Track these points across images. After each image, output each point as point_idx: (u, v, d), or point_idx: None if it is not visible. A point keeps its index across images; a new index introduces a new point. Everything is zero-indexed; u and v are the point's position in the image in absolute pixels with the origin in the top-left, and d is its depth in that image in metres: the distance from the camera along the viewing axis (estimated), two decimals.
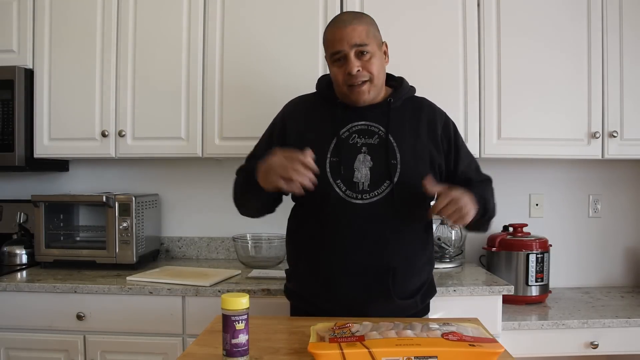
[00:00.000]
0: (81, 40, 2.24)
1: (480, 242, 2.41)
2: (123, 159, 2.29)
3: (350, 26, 1.42)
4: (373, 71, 1.43)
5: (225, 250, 2.54)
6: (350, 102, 1.47)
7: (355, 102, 1.46)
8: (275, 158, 1.31)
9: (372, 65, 1.43)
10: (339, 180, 1.42)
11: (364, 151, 1.44)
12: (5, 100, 2.18)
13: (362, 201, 1.41)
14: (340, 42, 1.41)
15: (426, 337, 1.08)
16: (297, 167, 1.26)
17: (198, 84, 2.21)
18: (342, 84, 1.44)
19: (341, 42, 1.41)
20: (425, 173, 1.44)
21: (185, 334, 1.91)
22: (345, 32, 1.41)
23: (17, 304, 1.94)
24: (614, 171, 2.52)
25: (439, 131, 1.51)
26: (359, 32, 1.41)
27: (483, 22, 2.18)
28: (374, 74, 1.43)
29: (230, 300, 1.08)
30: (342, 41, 1.41)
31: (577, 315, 2.00)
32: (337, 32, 1.43)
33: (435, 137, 1.49)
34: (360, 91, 1.43)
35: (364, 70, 1.42)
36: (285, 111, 1.58)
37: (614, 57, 2.19)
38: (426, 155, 1.47)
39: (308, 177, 1.27)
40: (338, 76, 1.45)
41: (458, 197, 1.29)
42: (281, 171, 1.27)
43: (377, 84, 1.45)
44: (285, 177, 1.27)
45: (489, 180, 1.59)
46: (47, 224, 2.25)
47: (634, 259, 2.53)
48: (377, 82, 1.46)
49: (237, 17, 2.21)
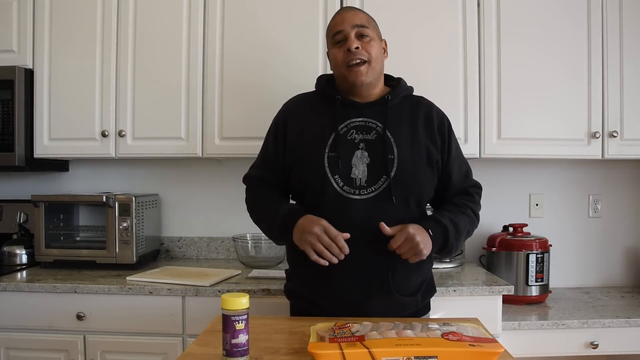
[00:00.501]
0: (81, 40, 2.24)
1: (480, 242, 2.41)
2: (123, 159, 2.29)
3: (352, 11, 1.53)
4: (372, 52, 1.47)
5: (225, 250, 2.54)
6: (348, 86, 1.49)
7: (353, 82, 1.47)
8: (317, 228, 1.35)
9: (372, 47, 1.47)
10: (337, 176, 1.43)
11: (361, 147, 1.45)
12: (5, 100, 2.18)
13: (360, 196, 1.42)
14: (342, 23, 1.49)
15: (426, 337, 1.08)
16: (331, 246, 1.34)
17: (198, 84, 2.22)
18: (341, 63, 1.47)
19: (342, 23, 1.49)
20: (422, 168, 1.46)
21: (185, 334, 1.91)
22: (348, 14, 1.50)
23: (17, 304, 1.94)
24: (613, 171, 2.52)
25: (435, 127, 1.52)
26: (360, 16, 1.50)
27: (483, 21, 2.19)
28: (372, 56, 1.47)
29: (230, 300, 1.08)
30: (343, 22, 1.49)
31: (577, 315, 2.01)
32: (338, 16, 1.52)
33: (432, 133, 1.50)
34: (359, 71, 1.45)
35: (363, 50, 1.46)
36: (286, 108, 1.59)
37: (614, 57, 2.19)
38: (423, 150, 1.48)
39: (337, 257, 1.35)
40: (337, 56, 1.48)
41: (412, 235, 1.33)
42: (314, 242, 1.35)
43: (374, 67, 1.48)
44: (316, 249, 1.35)
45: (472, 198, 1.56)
46: (47, 224, 2.25)
47: (634, 259, 2.53)
48: (375, 66, 1.48)
49: (237, 17, 2.21)
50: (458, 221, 1.46)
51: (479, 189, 1.60)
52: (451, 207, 1.51)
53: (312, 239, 1.35)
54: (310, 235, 1.35)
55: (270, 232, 1.53)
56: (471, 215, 1.52)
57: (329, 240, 1.34)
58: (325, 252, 1.35)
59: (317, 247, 1.35)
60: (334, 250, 1.35)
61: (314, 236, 1.35)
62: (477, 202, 1.57)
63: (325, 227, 1.36)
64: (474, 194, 1.57)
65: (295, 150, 1.49)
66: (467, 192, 1.56)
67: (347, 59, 1.45)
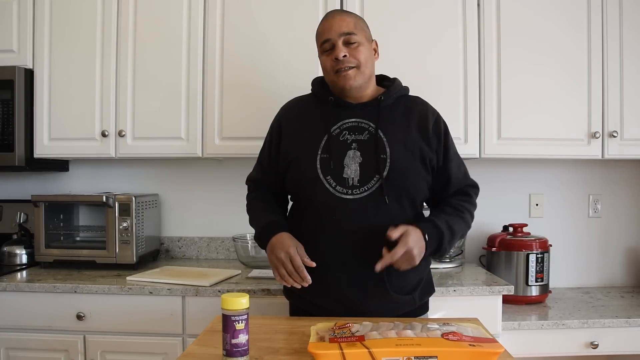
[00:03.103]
0: (81, 40, 2.24)
1: (480, 242, 2.41)
2: (123, 159, 2.29)
3: (338, 17, 1.51)
4: (360, 58, 1.47)
5: (225, 250, 2.54)
6: (339, 90, 1.50)
7: (342, 87, 1.48)
8: (282, 254, 1.40)
9: (359, 52, 1.47)
10: (329, 177, 1.44)
11: (354, 147, 1.45)
12: (5, 100, 2.18)
13: (352, 196, 1.42)
14: (329, 31, 1.48)
15: (426, 337, 1.08)
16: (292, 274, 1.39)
17: (198, 84, 2.22)
18: (330, 70, 1.48)
19: (329, 31, 1.48)
20: (415, 168, 1.46)
21: (185, 334, 1.92)
22: (334, 22, 1.49)
23: (17, 304, 1.94)
24: (614, 171, 2.52)
25: (430, 127, 1.51)
26: (347, 23, 1.48)
27: (483, 22, 2.18)
28: (361, 61, 1.47)
29: (230, 300, 1.08)
30: (330, 30, 1.48)
31: (577, 315, 2.01)
32: (326, 24, 1.51)
33: (426, 133, 1.50)
34: (347, 75, 1.46)
35: (351, 57, 1.46)
36: (281, 114, 1.61)
37: (614, 57, 2.19)
38: (416, 149, 1.47)
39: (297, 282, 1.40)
40: (327, 64, 1.49)
41: (411, 249, 1.34)
42: (278, 266, 1.41)
43: (364, 72, 1.48)
44: (279, 273, 1.41)
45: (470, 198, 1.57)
46: (47, 224, 2.25)
47: (634, 259, 2.53)
48: (364, 70, 1.48)
49: (237, 17, 2.21)
50: (454, 226, 1.46)
51: (476, 189, 1.60)
52: (450, 210, 1.51)
53: (277, 262, 1.41)
54: (276, 259, 1.41)
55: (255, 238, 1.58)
56: (467, 220, 1.53)
57: (291, 268, 1.38)
58: (287, 278, 1.40)
59: (280, 272, 1.41)
60: (295, 278, 1.39)
61: (279, 261, 1.40)
62: (474, 204, 1.57)
63: (291, 255, 1.39)
64: (472, 195, 1.57)
65: (289, 153, 1.51)
66: (466, 193, 1.56)
67: (336, 67, 1.47)
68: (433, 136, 1.50)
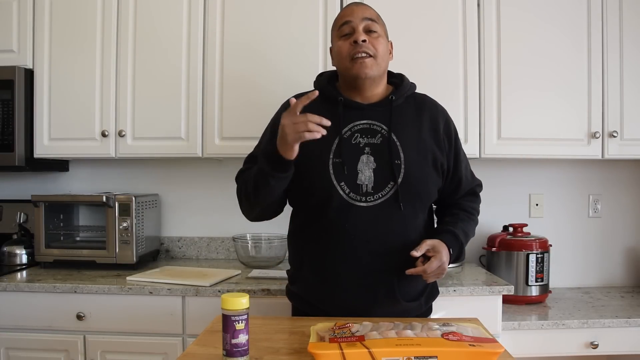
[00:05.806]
0: (81, 40, 2.24)
1: (480, 242, 2.41)
2: (123, 159, 2.29)
3: (362, 5, 1.49)
4: (378, 48, 1.42)
5: (225, 250, 2.54)
6: (352, 79, 1.44)
7: (357, 75, 1.41)
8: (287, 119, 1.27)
9: (379, 43, 1.43)
10: (343, 183, 1.39)
11: (367, 152, 1.41)
12: (5, 100, 2.18)
13: (367, 203, 1.39)
14: (351, 14, 1.44)
15: (426, 337, 1.08)
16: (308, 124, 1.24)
17: (198, 84, 2.22)
18: (346, 56, 1.42)
19: (352, 14, 1.44)
20: (428, 172, 1.44)
21: (185, 334, 1.91)
22: (357, 7, 1.47)
23: (17, 304, 1.94)
24: (614, 171, 2.52)
25: (441, 129, 1.49)
26: (370, 11, 1.47)
27: (483, 22, 2.19)
28: (379, 52, 1.42)
29: (230, 300, 1.08)
30: (352, 14, 1.44)
31: (577, 315, 2.00)
32: (348, 9, 1.48)
33: (437, 136, 1.48)
34: (364, 63, 1.40)
35: (370, 44, 1.41)
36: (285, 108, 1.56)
37: (614, 57, 2.19)
38: (429, 154, 1.45)
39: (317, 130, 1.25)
40: (343, 48, 1.43)
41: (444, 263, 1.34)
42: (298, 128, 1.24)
43: (380, 64, 1.43)
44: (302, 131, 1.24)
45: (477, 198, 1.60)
46: (47, 224, 2.25)
47: (634, 259, 2.53)
48: (381, 63, 1.44)
49: (237, 17, 2.21)
50: (469, 231, 1.50)
51: (481, 187, 1.62)
52: (463, 215, 1.52)
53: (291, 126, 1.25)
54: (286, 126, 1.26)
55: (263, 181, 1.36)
56: (477, 220, 1.56)
57: (305, 119, 1.24)
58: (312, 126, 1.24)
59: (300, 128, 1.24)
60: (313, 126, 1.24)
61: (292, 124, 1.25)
62: (480, 202, 1.61)
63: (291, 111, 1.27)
64: (479, 194, 1.60)
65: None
66: (474, 193, 1.59)
67: (353, 52, 1.41)
68: (444, 139, 1.49)
